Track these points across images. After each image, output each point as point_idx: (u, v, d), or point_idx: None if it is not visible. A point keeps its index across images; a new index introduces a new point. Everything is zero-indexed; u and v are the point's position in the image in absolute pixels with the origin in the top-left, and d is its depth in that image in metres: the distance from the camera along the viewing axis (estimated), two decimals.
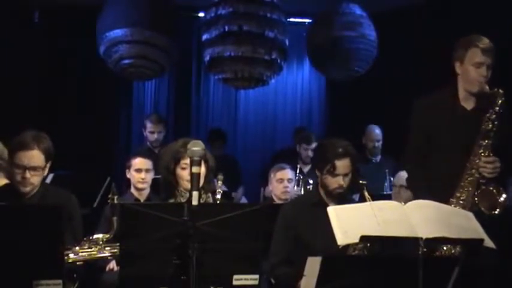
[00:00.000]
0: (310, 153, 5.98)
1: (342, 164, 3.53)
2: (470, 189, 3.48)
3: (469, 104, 3.66)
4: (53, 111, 6.84)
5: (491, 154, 3.47)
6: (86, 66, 7.08)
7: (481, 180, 3.47)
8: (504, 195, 3.43)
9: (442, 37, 3.86)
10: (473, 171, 3.49)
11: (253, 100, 8.09)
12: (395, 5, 6.72)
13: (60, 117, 6.85)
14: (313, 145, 5.99)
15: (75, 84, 7.16)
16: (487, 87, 3.52)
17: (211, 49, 6.01)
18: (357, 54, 6.27)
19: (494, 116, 3.47)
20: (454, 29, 3.85)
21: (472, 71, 3.55)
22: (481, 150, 3.48)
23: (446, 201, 3.43)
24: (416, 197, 3.43)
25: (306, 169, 6.02)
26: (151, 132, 6.15)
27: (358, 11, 6.38)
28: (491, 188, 3.45)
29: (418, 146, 3.73)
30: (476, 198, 3.44)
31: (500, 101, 3.46)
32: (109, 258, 3.66)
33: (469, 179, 3.49)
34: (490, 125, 3.48)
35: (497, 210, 3.41)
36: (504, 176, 3.61)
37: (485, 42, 3.55)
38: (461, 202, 3.47)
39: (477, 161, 3.48)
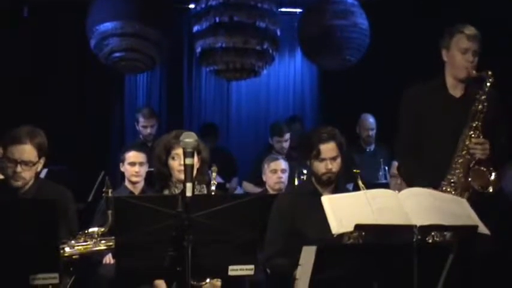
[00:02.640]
0: (284, 145, 6.00)
1: (327, 148, 3.54)
2: (461, 170, 3.50)
3: (457, 92, 3.70)
4: (45, 107, 6.81)
5: (481, 136, 3.50)
6: (77, 61, 7.05)
7: (472, 162, 3.49)
8: (494, 174, 3.46)
9: (434, 26, 3.86)
10: (464, 152, 3.51)
11: (246, 91, 8.07)
12: None
13: (53, 112, 6.82)
14: (286, 136, 6.00)
15: (66, 79, 7.13)
16: (474, 72, 3.57)
17: (203, 41, 5.99)
18: (349, 43, 6.26)
19: (483, 97, 3.51)
20: (446, 17, 3.86)
21: (458, 57, 3.60)
22: (471, 132, 3.51)
23: (437, 185, 3.46)
24: (409, 185, 3.45)
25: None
26: (144, 126, 6.14)
27: None
28: (482, 168, 3.48)
29: (408, 135, 3.74)
30: (469, 178, 3.46)
31: (488, 82, 3.50)
32: (105, 251, 3.66)
33: (459, 161, 3.51)
34: (480, 106, 3.51)
35: (490, 188, 3.44)
36: (503, 163, 3.63)
37: (470, 29, 3.61)
38: (452, 184, 3.50)
39: (467, 142, 3.50)
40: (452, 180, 3.50)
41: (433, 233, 3.22)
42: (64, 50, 7.04)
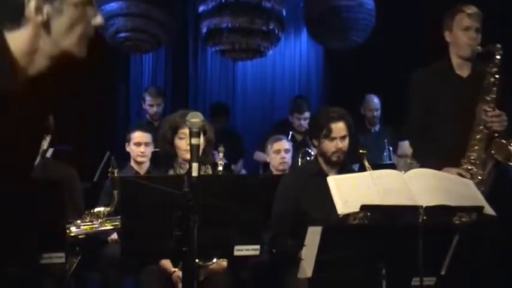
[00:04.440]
0: (303, 122, 5.98)
1: (337, 127, 3.56)
2: (480, 146, 3.49)
3: (464, 72, 3.69)
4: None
5: (495, 109, 3.48)
6: None
7: (493, 135, 3.47)
8: None
9: (441, 6, 3.84)
10: (481, 128, 3.50)
11: (251, 71, 8.06)
12: None
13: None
14: (306, 114, 5.99)
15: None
16: (479, 47, 3.57)
17: (208, 21, 5.96)
18: (355, 23, 6.21)
19: (494, 69, 3.50)
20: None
21: (461, 36, 3.60)
22: (486, 106, 3.49)
23: (457, 165, 3.46)
24: (423, 167, 3.45)
25: (300, 139, 6.01)
26: (151, 105, 6.13)
27: None
28: (503, 140, 3.46)
29: (418, 118, 3.73)
30: (492, 151, 3.44)
31: (498, 55, 3.49)
32: (111, 231, 3.68)
33: (477, 136, 3.51)
34: (492, 79, 3.50)
35: None
36: None
37: (471, 7, 3.62)
38: (472, 161, 3.49)
39: (483, 117, 3.49)
40: (472, 158, 3.50)
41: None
42: None
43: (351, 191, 2.69)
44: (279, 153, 5.02)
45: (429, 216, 2.61)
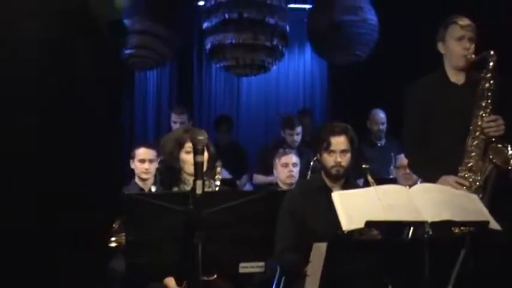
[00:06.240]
0: (296, 137, 5.98)
1: (337, 141, 3.56)
2: (477, 152, 3.47)
3: (459, 80, 3.69)
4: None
5: (491, 114, 3.47)
6: None
7: (490, 140, 3.45)
8: (510, 149, 3.41)
9: (442, 20, 3.86)
10: (478, 133, 3.48)
11: (256, 87, 8.07)
12: None
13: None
14: (298, 129, 6.00)
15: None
16: (473, 56, 3.57)
17: (212, 37, 5.99)
18: (359, 38, 6.23)
19: (489, 74, 3.50)
20: (453, 11, 3.86)
21: (455, 46, 3.61)
22: (481, 112, 3.48)
23: (455, 173, 3.45)
24: (421, 177, 3.44)
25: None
26: (174, 122, 6.22)
27: None
28: (499, 145, 3.44)
29: (415, 129, 3.72)
30: (490, 156, 3.42)
31: (492, 61, 3.49)
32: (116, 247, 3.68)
33: (474, 143, 3.48)
34: (487, 84, 3.50)
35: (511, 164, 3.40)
36: None
37: (463, 19, 3.63)
38: (470, 168, 3.47)
39: (479, 122, 3.48)
40: (470, 164, 3.47)
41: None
42: None
43: (355, 207, 2.68)
44: (286, 167, 5.02)
45: (435, 231, 2.60)
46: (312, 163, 5.00)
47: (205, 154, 3.00)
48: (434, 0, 6.35)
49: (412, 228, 2.67)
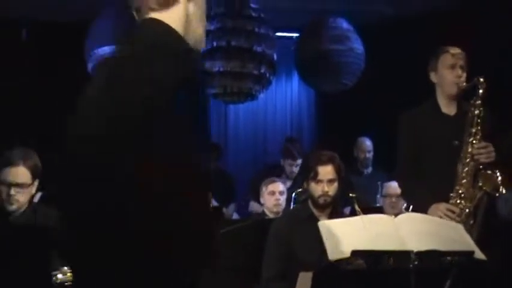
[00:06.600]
0: (295, 169, 5.97)
1: (324, 170, 3.57)
2: (468, 179, 3.49)
3: (451, 110, 3.73)
4: (43, 128, 6.78)
5: (482, 141, 3.50)
6: (75, 84, 7.01)
7: (479, 167, 3.48)
8: (499, 176, 3.42)
9: (429, 49, 3.90)
10: (468, 160, 3.50)
11: (243, 115, 8.08)
12: (382, 18, 6.76)
13: (50, 135, 6.77)
14: (299, 161, 5.97)
15: (64, 102, 7.08)
16: (465, 84, 3.62)
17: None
18: (346, 67, 6.30)
19: (478, 101, 3.53)
20: (441, 41, 3.91)
21: (447, 74, 3.66)
22: (471, 139, 3.51)
23: (446, 199, 3.46)
24: (414, 207, 3.45)
25: (288, 184, 5.96)
26: None
27: (345, 24, 6.42)
28: (488, 172, 3.46)
29: (408, 159, 3.74)
30: (480, 183, 3.44)
31: (481, 89, 3.52)
32: None
33: (465, 169, 3.50)
34: (476, 111, 3.53)
35: (501, 190, 3.41)
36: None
37: (454, 48, 3.70)
38: (461, 195, 3.48)
39: (470, 149, 3.50)
40: (461, 191, 3.49)
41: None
42: (62, 73, 7.02)
43: (341, 236, 2.68)
44: (273, 195, 5.01)
45: (421, 260, 2.60)
46: (293, 194, 4.99)
47: None
48: (420, 31, 6.44)
49: (395, 257, 2.66)
